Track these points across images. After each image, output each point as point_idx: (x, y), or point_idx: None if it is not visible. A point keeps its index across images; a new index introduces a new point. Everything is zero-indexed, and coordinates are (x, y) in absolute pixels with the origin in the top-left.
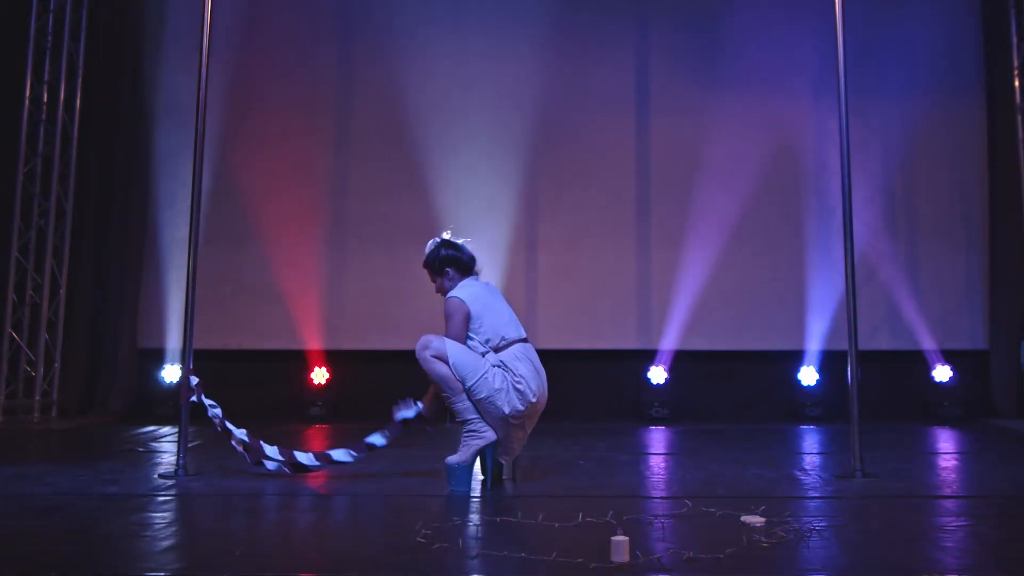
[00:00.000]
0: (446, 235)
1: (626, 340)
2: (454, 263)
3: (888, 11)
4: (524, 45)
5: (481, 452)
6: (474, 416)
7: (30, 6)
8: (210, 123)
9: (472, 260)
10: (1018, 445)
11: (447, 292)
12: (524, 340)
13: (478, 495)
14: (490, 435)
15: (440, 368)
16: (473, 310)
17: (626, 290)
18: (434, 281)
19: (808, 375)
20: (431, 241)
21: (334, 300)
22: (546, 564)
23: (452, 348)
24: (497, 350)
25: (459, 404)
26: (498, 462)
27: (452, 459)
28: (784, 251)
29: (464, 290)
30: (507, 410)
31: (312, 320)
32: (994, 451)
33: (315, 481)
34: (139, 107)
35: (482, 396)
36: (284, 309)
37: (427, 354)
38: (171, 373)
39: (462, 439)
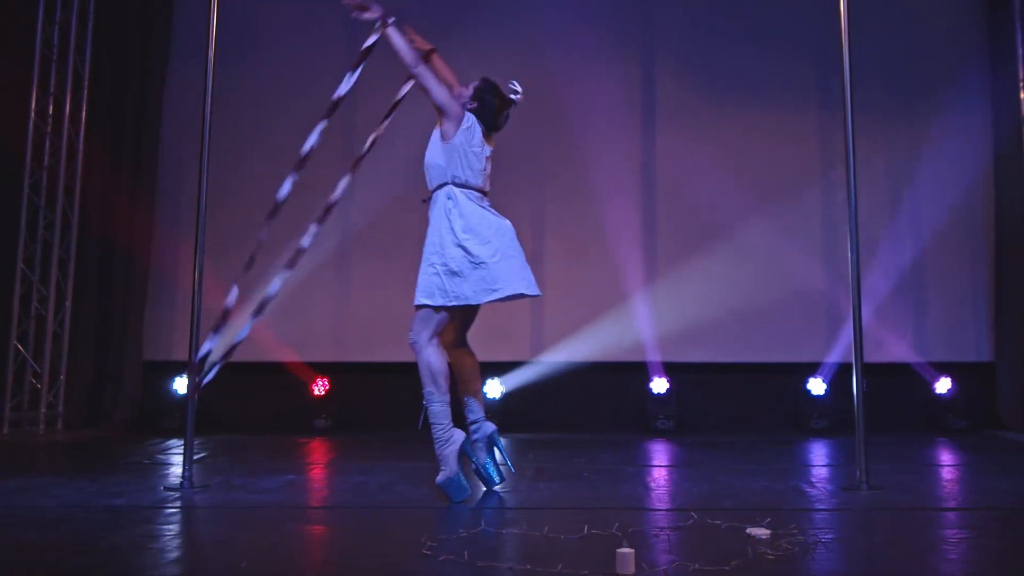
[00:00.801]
0: (519, 95)
1: (632, 352)
2: (485, 109)
3: (894, 26)
4: (530, 57)
5: (467, 457)
6: (442, 423)
7: (36, 18)
8: (215, 135)
9: (494, 127)
10: (1023, 457)
11: (462, 100)
12: (485, 192)
13: (484, 506)
14: (458, 436)
15: (434, 362)
16: (458, 140)
17: (632, 302)
18: (470, 88)
19: (816, 385)
20: (516, 86)
21: (339, 312)
22: None
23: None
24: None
25: (434, 405)
26: (492, 461)
27: (440, 478)
28: (790, 263)
29: (469, 121)
30: (479, 261)
31: (317, 332)
32: (999, 463)
33: (320, 494)
34: (144, 120)
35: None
36: (289, 321)
37: (424, 343)
38: (182, 385)
39: (438, 454)
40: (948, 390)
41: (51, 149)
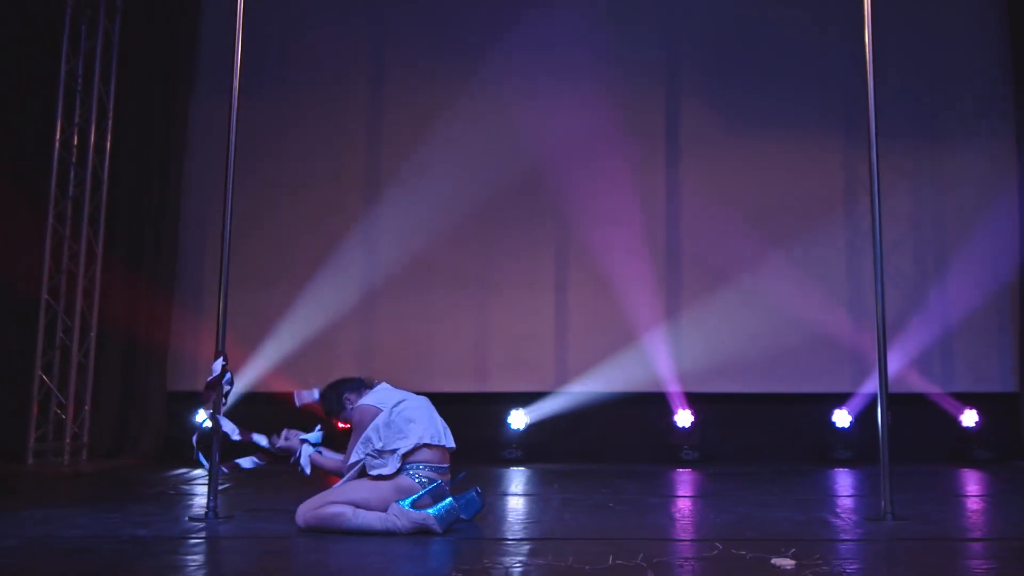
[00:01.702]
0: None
1: (656, 383)
2: (350, 389)
3: (919, 55)
4: (555, 88)
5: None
6: (380, 521)
7: (60, 49)
8: (240, 165)
9: (358, 379)
10: None
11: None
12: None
13: (509, 537)
14: (396, 509)
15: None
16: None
17: (656, 333)
18: (338, 419)
19: (842, 418)
20: (308, 394)
21: (364, 343)
22: None
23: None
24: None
25: (367, 521)
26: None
27: (436, 527)
28: (814, 294)
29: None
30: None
31: (343, 363)
32: (1023, 493)
33: None
34: (169, 149)
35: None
36: (315, 352)
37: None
38: (202, 418)
39: (414, 526)
40: (973, 421)
41: (76, 179)
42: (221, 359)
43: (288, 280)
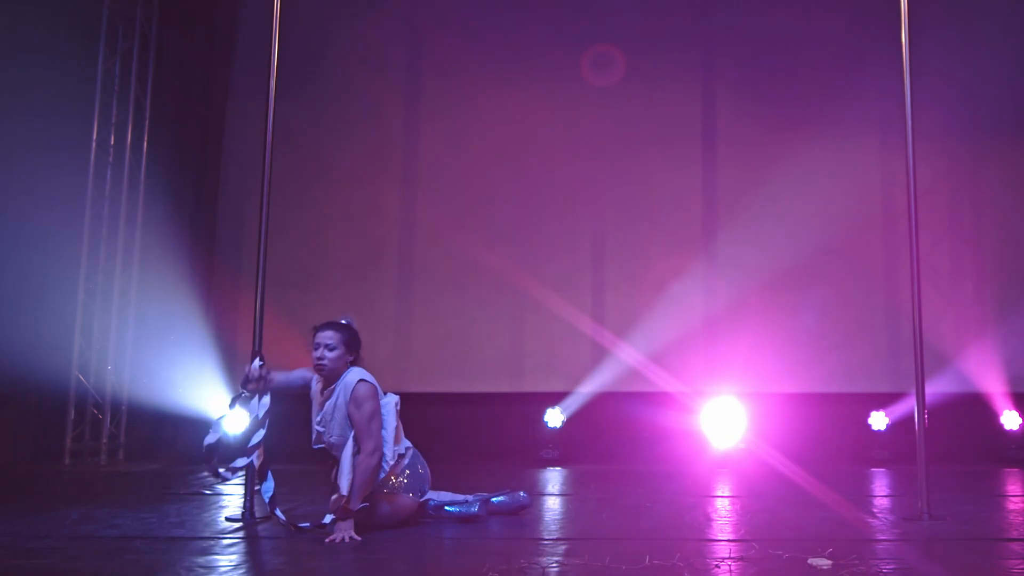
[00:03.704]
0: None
1: (693, 382)
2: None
3: (956, 53)
4: (591, 88)
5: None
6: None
7: (97, 49)
8: (277, 164)
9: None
10: None
11: (340, 369)
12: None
13: (547, 538)
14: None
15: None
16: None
17: (692, 332)
18: (332, 350)
19: (878, 419)
20: (346, 319)
21: (401, 342)
22: None
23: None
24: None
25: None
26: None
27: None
28: (851, 294)
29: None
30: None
31: (379, 363)
32: None
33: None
34: (206, 149)
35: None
36: None
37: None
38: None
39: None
40: (1016, 423)
41: (112, 179)
42: (258, 359)
43: (325, 280)
